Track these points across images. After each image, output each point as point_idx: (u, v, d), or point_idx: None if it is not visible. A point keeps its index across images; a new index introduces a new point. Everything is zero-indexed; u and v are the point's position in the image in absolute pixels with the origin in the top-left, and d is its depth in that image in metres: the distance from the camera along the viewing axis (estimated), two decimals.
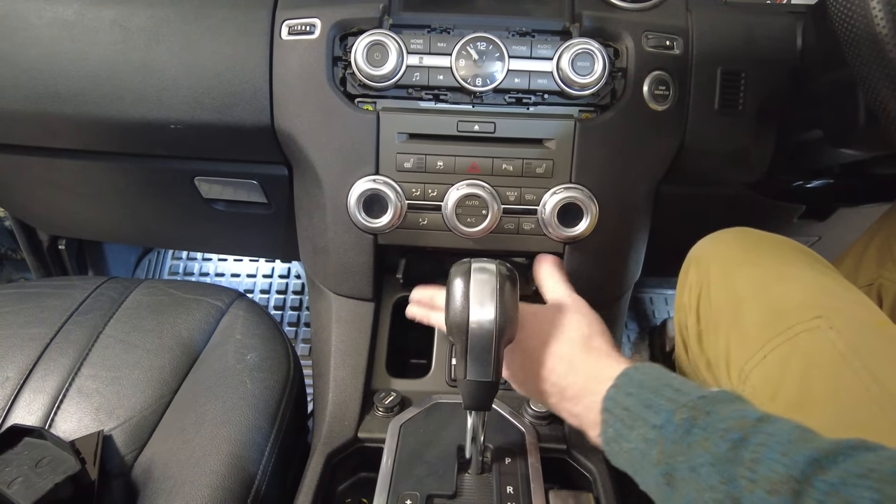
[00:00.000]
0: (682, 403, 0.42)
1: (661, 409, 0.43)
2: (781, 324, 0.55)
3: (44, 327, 0.77)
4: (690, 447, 0.40)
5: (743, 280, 0.61)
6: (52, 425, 0.68)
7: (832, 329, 0.52)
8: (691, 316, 0.66)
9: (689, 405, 0.42)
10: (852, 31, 0.51)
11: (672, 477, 0.40)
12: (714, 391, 0.43)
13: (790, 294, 0.57)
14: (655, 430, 0.42)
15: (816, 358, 0.52)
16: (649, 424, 0.43)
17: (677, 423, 0.41)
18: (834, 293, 0.56)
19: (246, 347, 0.75)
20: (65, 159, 0.87)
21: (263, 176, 0.84)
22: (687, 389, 0.44)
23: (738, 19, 0.72)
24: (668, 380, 0.45)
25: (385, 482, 0.56)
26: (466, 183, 0.69)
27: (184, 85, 0.74)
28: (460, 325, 0.52)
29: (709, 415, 0.40)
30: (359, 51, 0.67)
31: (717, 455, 0.38)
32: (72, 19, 0.75)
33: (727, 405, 0.41)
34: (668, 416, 0.42)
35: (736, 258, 0.64)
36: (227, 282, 1.51)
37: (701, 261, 0.67)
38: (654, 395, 0.44)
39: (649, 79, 0.70)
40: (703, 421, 0.40)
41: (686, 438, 0.40)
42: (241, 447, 0.63)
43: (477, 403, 0.55)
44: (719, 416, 0.40)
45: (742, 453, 0.37)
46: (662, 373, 0.47)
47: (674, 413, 0.42)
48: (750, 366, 0.55)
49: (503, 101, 0.70)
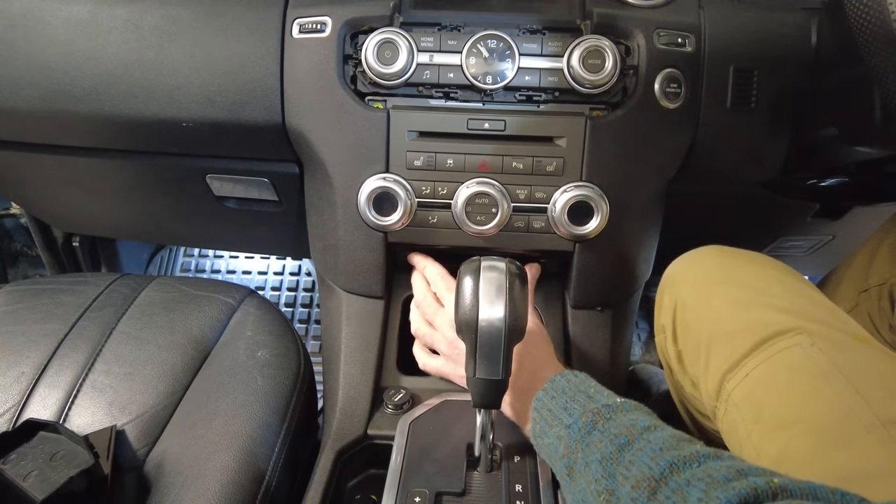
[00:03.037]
0: (589, 409, 0.49)
1: (573, 411, 0.50)
2: (761, 341, 0.54)
3: (58, 323, 0.78)
4: (588, 446, 0.47)
5: (720, 299, 0.60)
6: (67, 420, 0.69)
7: (813, 346, 0.52)
8: (669, 338, 0.66)
9: (594, 410, 0.49)
10: (868, 28, 0.50)
11: (572, 469, 0.48)
12: (620, 401, 0.50)
13: (769, 311, 0.56)
14: (566, 429, 0.50)
15: (798, 375, 0.51)
16: (563, 424, 0.50)
17: (581, 424, 0.48)
18: (814, 309, 0.56)
19: (257, 344, 0.75)
20: (79, 157, 0.88)
21: (274, 174, 0.84)
22: (599, 397, 0.51)
23: (751, 16, 0.71)
24: (585, 387, 0.53)
25: (394, 479, 0.57)
26: (476, 181, 0.69)
27: (196, 83, 0.74)
28: (470, 324, 0.52)
29: (608, 420, 0.48)
30: (369, 49, 0.67)
31: (605, 454, 0.45)
32: (86, 18, 0.75)
33: (626, 414, 0.48)
34: (577, 419, 0.49)
35: (711, 277, 0.63)
36: (239, 279, 1.52)
37: (675, 282, 0.66)
38: (570, 399, 0.52)
39: (661, 76, 0.69)
40: (602, 425, 0.47)
41: (586, 439, 0.47)
42: (251, 443, 0.63)
43: (486, 401, 0.55)
44: (615, 423, 0.47)
45: (624, 454, 0.44)
46: (584, 381, 0.54)
47: (580, 416, 0.49)
48: (731, 385, 0.55)
49: (513, 98, 0.70)
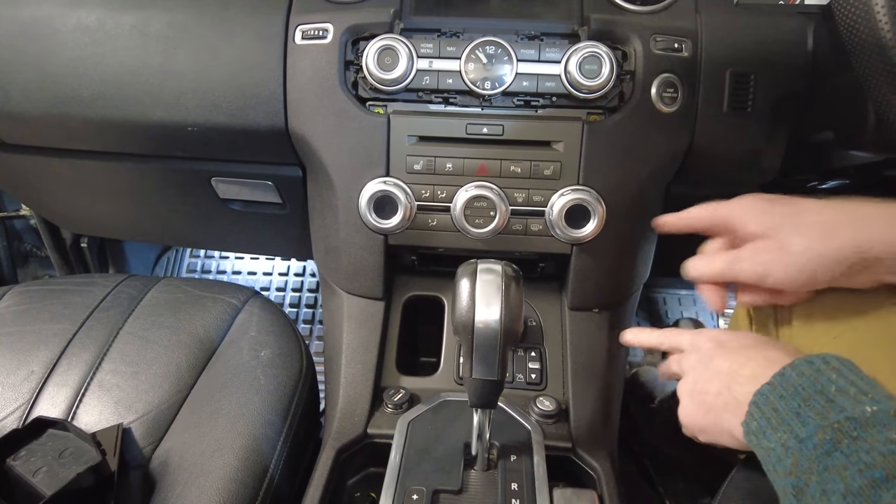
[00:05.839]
0: (828, 422, 0.39)
1: (807, 420, 0.40)
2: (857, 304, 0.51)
3: (67, 323, 0.80)
4: (827, 470, 0.38)
5: None
6: (75, 418, 0.71)
7: None
8: None
9: (835, 426, 0.39)
10: (857, 36, 0.51)
11: (802, 492, 0.39)
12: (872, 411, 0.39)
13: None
14: (796, 440, 0.40)
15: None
16: (792, 433, 0.41)
17: (818, 441, 0.39)
18: None
19: (260, 344, 0.77)
20: (87, 160, 0.90)
21: (278, 177, 0.86)
22: (842, 401, 0.40)
23: (748, 21, 0.72)
24: (823, 386, 0.42)
25: (392, 477, 0.58)
26: (475, 184, 0.70)
27: (201, 88, 0.76)
28: (466, 325, 0.53)
29: (854, 440, 0.37)
30: (370, 55, 0.68)
31: (851, 489, 0.35)
32: (94, 25, 0.77)
33: (879, 432, 0.37)
34: (811, 432, 0.40)
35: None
36: (244, 280, 1.54)
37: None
38: (804, 403, 0.42)
39: (657, 81, 0.70)
40: (847, 446, 0.38)
41: (824, 460, 0.38)
42: (254, 441, 0.65)
43: (482, 401, 0.56)
44: (866, 445, 0.37)
45: (881, 494, 0.34)
46: (823, 377, 0.43)
47: (816, 431, 0.39)
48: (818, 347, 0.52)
49: (512, 103, 0.71)
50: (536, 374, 0.73)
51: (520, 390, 0.72)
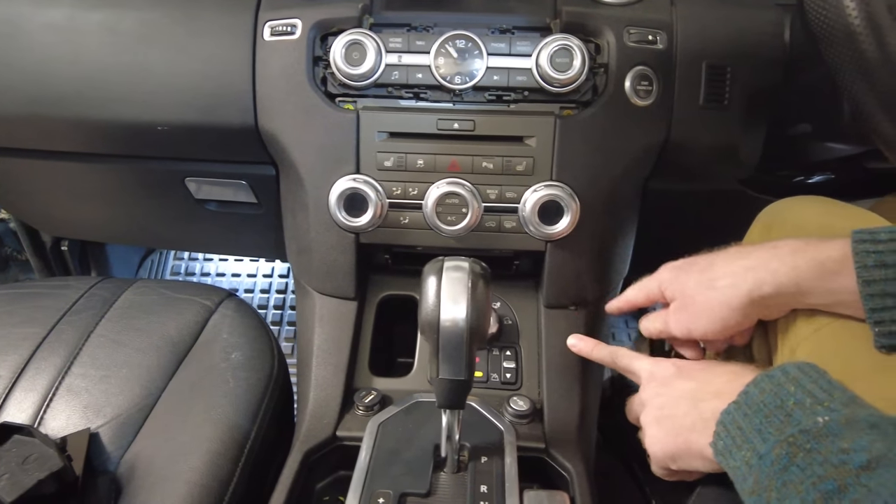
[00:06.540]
0: (784, 436, 0.39)
1: (768, 437, 0.40)
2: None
3: (36, 327, 0.78)
4: (785, 486, 0.37)
5: None
6: (42, 423, 0.69)
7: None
8: None
9: (790, 440, 0.38)
10: (826, 26, 0.50)
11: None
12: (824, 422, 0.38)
13: None
14: (757, 457, 0.40)
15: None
16: (754, 451, 0.41)
17: (775, 457, 0.39)
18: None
19: (231, 346, 0.76)
20: (60, 161, 0.89)
21: (252, 176, 0.85)
22: (797, 416, 0.40)
23: (724, 13, 0.71)
24: (783, 400, 0.41)
25: (359, 480, 0.56)
26: (446, 181, 0.69)
27: (172, 86, 0.75)
28: (432, 323, 0.51)
29: (808, 453, 0.37)
30: (337, 50, 0.67)
31: (806, 503, 0.35)
32: (63, 24, 0.76)
33: (832, 442, 0.37)
34: (769, 448, 0.40)
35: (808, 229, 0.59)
36: (228, 281, 1.53)
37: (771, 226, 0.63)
38: (766, 420, 0.41)
39: (631, 74, 0.69)
40: (801, 460, 0.37)
41: (781, 476, 0.38)
42: (220, 445, 0.63)
43: (450, 402, 0.54)
44: (819, 457, 0.36)
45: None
46: (783, 391, 0.42)
47: (774, 446, 0.39)
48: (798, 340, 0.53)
49: (483, 98, 0.70)
50: (511, 374, 0.72)
51: (494, 390, 0.71)
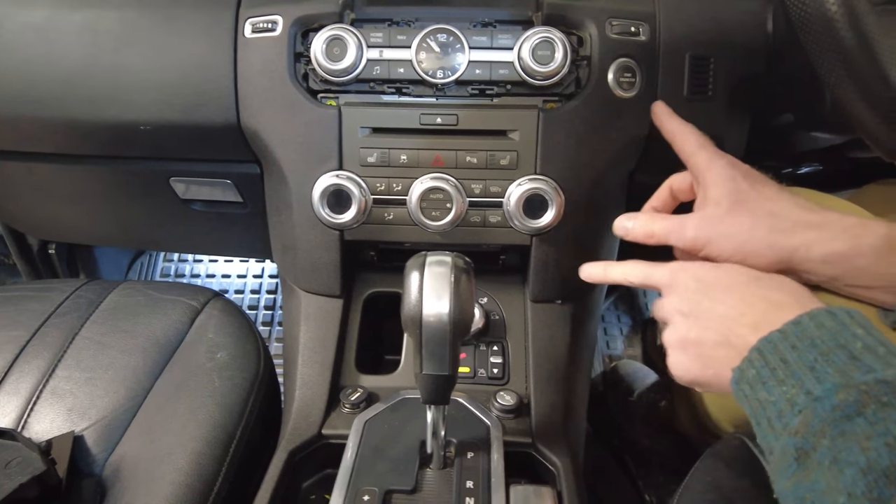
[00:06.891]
0: (853, 381, 0.34)
1: (825, 377, 0.35)
2: None
3: (21, 330, 0.78)
4: (843, 435, 0.33)
5: None
6: (26, 426, 0.69)
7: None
8: None
9: (862, 388, 0.34)
10: (804, 13, 0.49)
11: (807, 456, 0.34)
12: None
13: None
14: (809, 398, 0.35)
15: None
16: (803, 389, 0.36)
17: (838, 402, 0.34)
18: None
19: (217, 346, 0.75)
20: (43, 163, 0.88)
21: (237, 175, 0.84)
22: (869, 361, 0.35)
23: (707, 3, 0.71)
24: (846, 340, 0.37)
25: (344, 477, 0.56)
26: (430, 176, 0.68)
27: (153, 86, 0.74)
28: (415, 319, 0.51)
29: (884, 407, 0.32)
30: (317, 46, 0.66)
31: (874, 464, 0.30)
32: (42, 24, 0.75)
33: None
34: (830, 391, 0.34)
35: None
36: (218, 283, 1.52)
37: None
38: (822, 357, 0.36)
39: (614, 66, 0.68)
40: (873, 412, 0.32)
41: (841, 424, 0.33)
42: (205, 444, 0.63)
43: (434, 397, 0.54)
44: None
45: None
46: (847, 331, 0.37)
47: (837, 391, 0.34)
48: None
49: (466, 92, 0.69)
50: (498, 369, 0.72)
51: (481, 385, 0.71)
